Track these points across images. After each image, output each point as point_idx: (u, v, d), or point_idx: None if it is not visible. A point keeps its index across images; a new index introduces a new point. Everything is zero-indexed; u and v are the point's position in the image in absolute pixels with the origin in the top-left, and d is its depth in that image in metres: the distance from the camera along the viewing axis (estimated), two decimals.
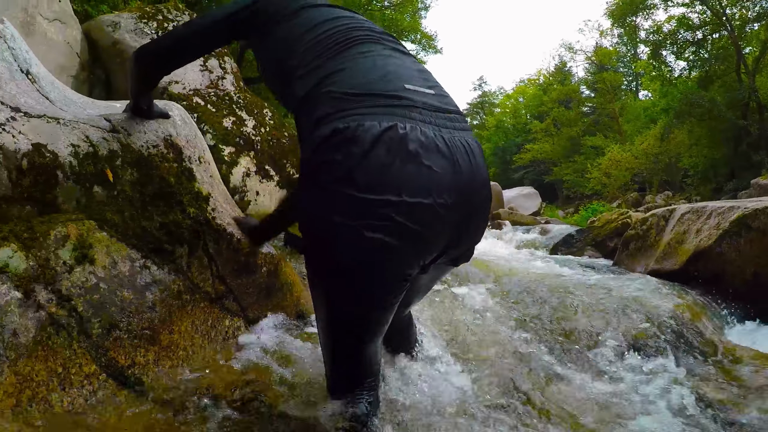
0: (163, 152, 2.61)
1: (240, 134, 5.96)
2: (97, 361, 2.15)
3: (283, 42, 2.17)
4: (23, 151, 2.14)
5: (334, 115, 1.77)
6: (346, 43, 2.07)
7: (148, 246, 2.42)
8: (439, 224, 1.75)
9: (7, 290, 2.00)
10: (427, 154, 1.70)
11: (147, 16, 6.81)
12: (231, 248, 2.73)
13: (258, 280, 2.84)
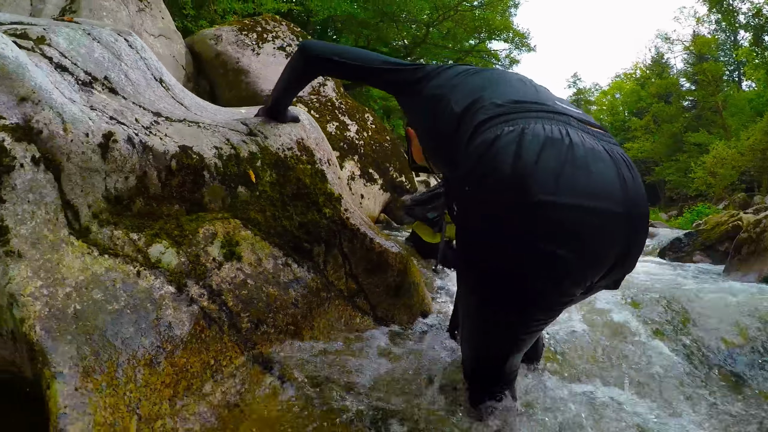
0: (297, 154, 2.68)
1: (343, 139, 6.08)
2: (245, 355, 2.19)
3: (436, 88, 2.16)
4: (171, 152, 2.22)
5: (497, 119, 1.74)
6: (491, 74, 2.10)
7: (289, 244, 2.46)
8: (609, 237, 1.64)
9: (161, 284, 2.06)
10: (594, 162, 1.62)
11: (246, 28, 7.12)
12: (364, 247, 2.74)
13: (388, 279, 2.84)
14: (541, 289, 1.67)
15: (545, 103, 1.81)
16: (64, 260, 1.92)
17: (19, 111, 1.97)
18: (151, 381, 1.91)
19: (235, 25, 7.53)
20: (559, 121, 1.70)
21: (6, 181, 1.86)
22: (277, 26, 7.68)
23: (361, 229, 2.78)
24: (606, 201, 1.59)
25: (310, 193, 2.63)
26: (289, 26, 7.97)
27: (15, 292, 1.80)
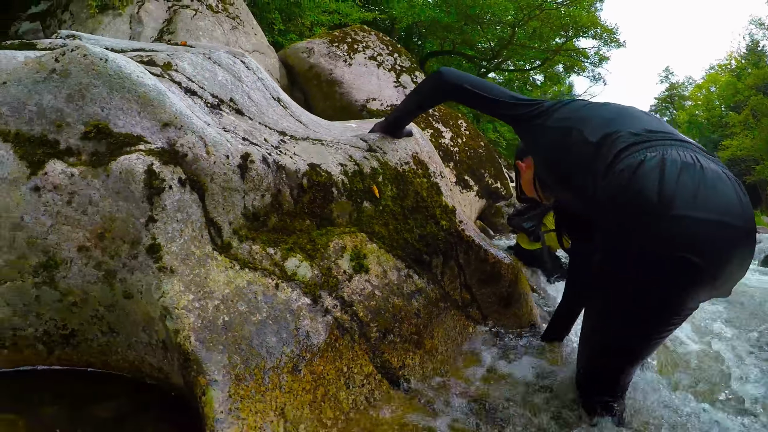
0: (413, 168, 2.76)
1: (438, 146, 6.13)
2: (374, 363, 2.28)
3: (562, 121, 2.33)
4: (302, 170, 2.34)
5: (637, 146, 1.97)
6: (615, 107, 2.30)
7: (410, 256, 2.54)
8: (733, 247, 1.86)
9: (298, 296, 2.16)
10: (719, 183, 1.87)
11: (337, 40, 7.26)
12: (478, 259, 2.80)
13: (500, 290, 2.88)
14: (677, 293, 1.91)
15: (671, 132, 2.05)
16: (211, 275, 2.05)
17: (163, 136, 2.12)
18: (293, 387, 2.01)
19: (325, 37, 7.72)
20: (686, 148, 1.96)
21: (157, 201, 2.01)
22: (367, 36, 7.83)
23: (476, 240, 2.83)
24: (730, 216, 1.83)
25: (428, 206, 2.70)
26: (378, 36, 8.10)
27: (169, 305, 1.94)
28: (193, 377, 1.88)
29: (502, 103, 2.48)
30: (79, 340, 2.16)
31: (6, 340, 2.13)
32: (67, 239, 2.05)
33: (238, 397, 1.88)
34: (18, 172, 2.06)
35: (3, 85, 2.14)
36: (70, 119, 2.10)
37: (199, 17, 6.60)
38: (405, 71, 7.63)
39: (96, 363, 2.19)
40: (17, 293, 2.08)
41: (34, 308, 2.10)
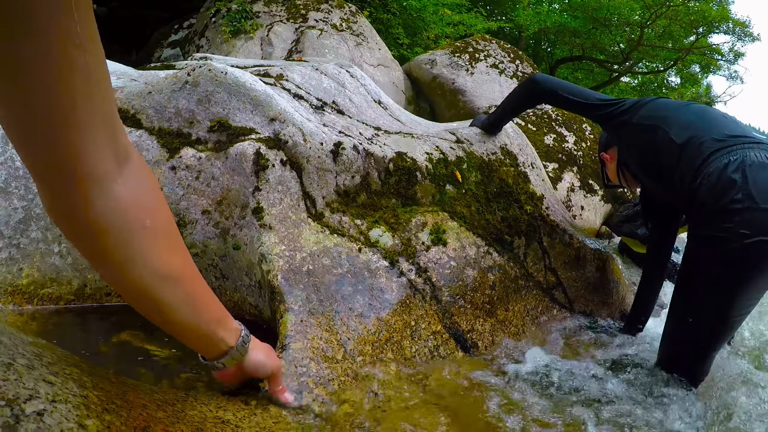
0: (500, 158, 2.92)
1: (561, 150, 6.02)
2: (442, 322, 2.43)
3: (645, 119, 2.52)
4: (389, 157, 2.61)
5: (721, 151, 2.22)
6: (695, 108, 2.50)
7: (491, 236, 2.68)
8: None
9: (378, 259, 2.40)
10: None
11: (459, 50, 7.39)
12: (563, 243, 2.85)
13: (586, 275, 2.90)
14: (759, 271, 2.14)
15: (748, 135, 2.27)
16: (303, 234, 2.36)
17: (270, 128, 2.51)
18: (358, 327, 2.24)
19: (447, 48, 7.85)
20: (761, 149, 2.19)
21: (262, 176, 2.38)
22: (488, 45, 7.88)
23: (561, 225, 2.90)
24: None
25: (513, 192, 2.84)
26: (500, 44, 8.08)
27: (265, 252, 2.27)
28: (277, 306, 2.18)
29: (591, 104, 2.65)
30: None
31: None
32: (195, 205, 2.48)
33: (308, 323, 2.14)
34: (160, 155, 2.54)
35: (149, 94, 2.67)
36: (200, 117, 2.57)
37: (324, 36, 6.99)
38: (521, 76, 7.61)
39: None
40: None
41: None
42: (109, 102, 0.98)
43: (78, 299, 2.58)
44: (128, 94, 2.72)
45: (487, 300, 2.57)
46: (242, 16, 7.10)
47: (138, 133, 2.60)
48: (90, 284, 2.58)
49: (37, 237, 2.58)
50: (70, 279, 2.58)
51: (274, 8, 7.39)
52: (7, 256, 2.55)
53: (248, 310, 2.50)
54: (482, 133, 3.00)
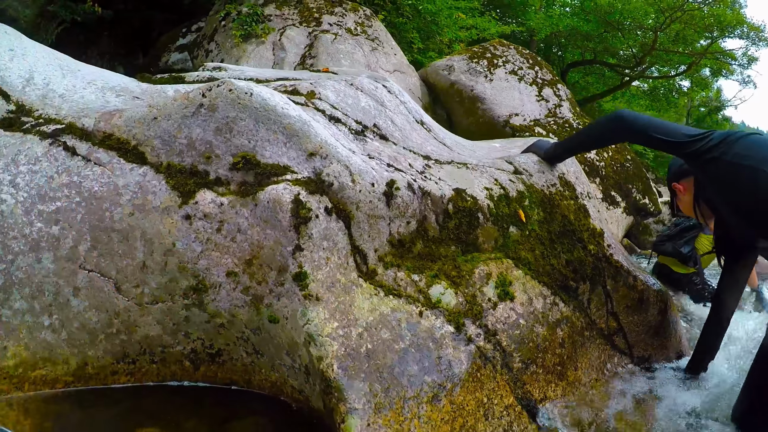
0: (560, 190, 2.53)
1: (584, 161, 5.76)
2: (514, 393, 2.11)
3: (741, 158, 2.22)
4: (447, 196, 2.17)
5: None
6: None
7: (556, 283, 2.31)
8: None
9: (441, 324, 2.01)
10: None
11: (477, 56, 6.99)
12: (626, 285, 2.52)
13: (648, 319, 2.60)
14: None
15: None
16: (356, 302, 1.93)
17: (309, 165, 2.02)
18: (432, 417, 1.87)
19: (465, 53, 7.45)
20: None
21: (303, 230, 1.91)
22: (506, 51, 7.48)
23: (625, 265, 2.56)
24: None
25: (575, 230, 2.46)
26: (518, 49, 7.71)
27: (313, 332, 1.84)
28: (334, 404, 1.77)
29: (678, 143, 2.31)
30: (225, 359, 2.12)
31: (156, 356, 2.12)
32: (217, 264, 1.99)
33: (376, 426, 1.76)
34: (170, 201, 2.03)
35: (154, 120, 2.13)
36: (219, 151, 2.05)
37: (339, 41, 6.56)
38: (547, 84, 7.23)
39: (239, 381, 2.13)
40: (168, 314, 2.06)
41: (183, 328, 2.08)
42: None
43: (78, 381, 2.09)
44: (128, 120, 2.16)
45: (557, 361, 2.22)
46: (253, 19, 6.59)
47: (141, 171, 2.08)
48: (91, 362, 2.09)
49: (22, 307, 2.06)
50: (66, 357, 2.08)
51: (286, 11, 6.83)
52: None
53: (290, 393, 2.06)
54: (539, 160, 2.57)
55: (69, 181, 2.11)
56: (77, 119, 2.24)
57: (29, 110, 2.31)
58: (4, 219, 2.08)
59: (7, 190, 2.11)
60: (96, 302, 2.06)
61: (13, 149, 2.18)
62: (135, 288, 2.06)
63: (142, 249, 2.05)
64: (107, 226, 2.06)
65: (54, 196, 2.10)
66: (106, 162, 2.13)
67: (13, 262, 2.06)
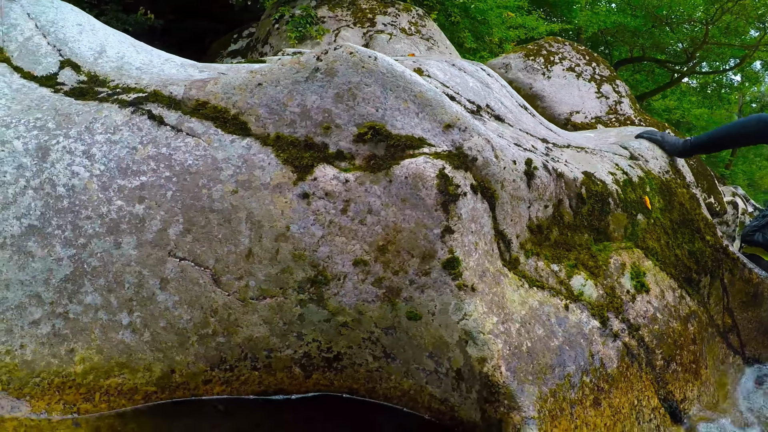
0: (674, 177, 2.32)
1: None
2: (658, 395, 1.86)
3: None
4: (579, 179, 1.90)
5: None
6: None
7: (681, 275, 2.09)
8: None
9: (587, 318, 1.74)
10: None
11: (533, 54, 6.71)
12: (743, 278, 2.32)
13: (761, 315, 2.40)
14: None
15: None
16: (507, 294, 1.63)
17: (446, 138, 1.70)
18: (597, 424, 1.62)
19: (520, 51, 7.05)
20: None
21: (453, 210, 1.58)
22: (562, 47, 7.15)
23: (741, 258, 2.35)
24: None
25: (692, 219, 2.25)
26: (573, 46, 7.33)
27: (472, 329, 1.52)
28: (502, 413, 1.47)
29: None
30: (345, 365, 1.74)
31: (259, 361, 1.72)
32: (341, 252, 1.63)
33: None
34: (283, 177, 1.66)
35: (259, 87, 1.75)
36: (340, 120, 1.69)
37: (394, 40, 6.21)
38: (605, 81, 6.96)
39: (360, 390, 1.76)
40: (277, 311, 1.67)
41: (295, 328, 1.69)
42: None
43: (162, 391, 1.67)
44: (226, 86, 1.77)
45: (692, 358, 1.98)
46: (307, 21, 6.21)
47: (245, 143, 1.69)
48: (180, 369, 1.67)
49: (95, 302, 1.62)
50: (149, 363, 1.65)
51: (339, 13, 6.43)
52: (50, 330, 1.58)
53: (426, 404, 1.71)
54: (651, 146, 2.33)
55: (156, 153, 1.70)
56: (162, 87, 1.83)
57: (103, 80, 1.89)
58: (76, 195, 1.65)
59: (79, 161, 1.67)
60: (188, 297, 1.65)
61: (87, 117, 1.75)
62: (238, 280, 1.66)
63: (247, 233, 1.66)
64: (204, 205, 1.66)
65: (138, 170, 1.68)
66: (201, 132, 1.73)
67: (86, 246, 1.63)
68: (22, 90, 1.81)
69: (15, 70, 1.87)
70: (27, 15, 1.97)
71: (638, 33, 16.85)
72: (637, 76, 19.91)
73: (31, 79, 1.86)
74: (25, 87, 1.82)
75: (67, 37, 1.95)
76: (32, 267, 1.61)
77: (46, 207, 1.64)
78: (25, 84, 1.83)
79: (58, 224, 1.63)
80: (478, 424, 1.58)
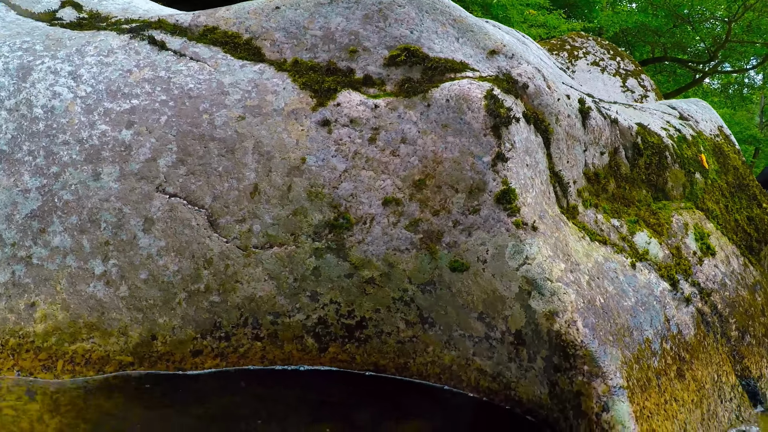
0: (723, 140, 2.03)
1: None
2: (735, 370, 1.60)
3: None
4: (634, 129, 1.61)
5: None
6: None
7: (743, 242, 1.84)
8: None
9: (657, 279, 1.45)
10: None
11: (556, 48, 6.39)
12: None
13: None
14: None
15: None
16: (569, 242, 1.30)
17: (492, 64, 1.41)
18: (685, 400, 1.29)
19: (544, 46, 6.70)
20: None
21: (505, 135, 1.27)
22: (585, 42, 6.85)
23: None
24: None
25: (748, 185, 1.98)
26: (597, 40, 6.98)
27: (536, 276, 1.18)
28: (581, 384, 1.12)
29: None
30: (370, 334, 1.36)
31: (263, 328, 1.35)
32: (368, 189, 1.29)
33: (648, 413, 1.09)
34: (299, 102, 1.33)
35: (276, 10, 1.45)
36: (368, 43, 1.39)
37: None
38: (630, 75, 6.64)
39: (387, 366, 1.38)
40: (287, 264, 1.32)
41: (308, 285, 1.32)
42: None
43: (140, 362, 1.27)
44: (240, 11, 1.47)
45: (764, 331, 1.67)
46: None
47: (257, 68, 1.37)
48: (163, 335, 1.28)
49: (64, 245, 1.24)
50: (124, 326, 1.26)
51: None
52: (9, 279, 1.19)
53: (473, 382, 1.33)
54: (700, 109, 2.06)
55: (153, 76, 1.36)
56: (169, 17, 1.54)
57: (106, 17, 1.60)
58: (54, 117, 1.30)
59: (64, 81, 1.34)
60: (177, 243, 1.27)
61: (79, 41, 1.44)
62: (239, 223, 1.29)
63: (254, 166, 1.30)
64: (204, 132, 1.31)
65: (129, 93, 1.34)
66: (208, 57, 1.41)
67: (59, 176, 1.26)
68: (16, 22, 1.52)
69: (11, 8, 1.59)
70: None
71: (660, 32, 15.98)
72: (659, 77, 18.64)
73: (27, 15, 1.58)
74: (19, 20, 1.54)
75: None
76: None
77: (18, 130, 1.29)
78: (20, 18, 1.57)
79: (30, 150, 1.27)
80: (544, 403, 1.22)
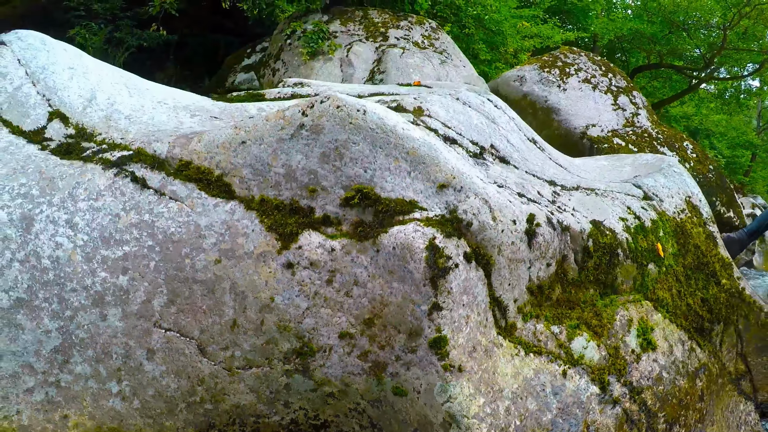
0: (689, 216, 2.08)
1: None
2: None
3: None
4: (586, 230, 1.70)
5: None
6: None
7: (692, 325, 1.89)
8: None
9: (586, 385, 1.57)
10: None
11: (548, 65, 6.24)
12: (758, 324, 2.11)
13: None
14: None
15: None
16: (498, 367, 1.47)
17: (440, 199, 1.51)
18: None
19: (535, 62, 6.52)
20: None
21: (442, 285, 1.41)
22: (577, 58, 6.60)
23: (757, 300, 2.11)
24: None
25: (708, 262, 2.01)
26: (589, 56, 6.76)
27: (456, 413, 1.38)
28: None
29: None
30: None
31: (247, 426, 1.61)
32: (327, 324, 1.48)
33: None
34: (267, 245, 1.50)
35: (242, 145, 1.58)
36: (326, 183, 1.51)
37: (407, 55, 5.81)
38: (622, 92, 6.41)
39: None
40: (264, 381, 1.55)
41: (282, 397, 1.57)
42: None
43: None
44: (210, 144, 1.60)
45: (698, 417, 1.79)
46: (319, 36, 5.87)
47: (228, 207, 1.53)
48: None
49: (85, 372, 1.53)
50: (139, 428, 1.58)
51: (351, 27, 6.07)
52: (44, 398, 1.49)
53: None
54: (667, 181, 2.07)
55: (139, 220, 1.55)
56: (147, 144, 1.66)
57: (91, 134, 1.73)
58: (60, 267, 1.52)
59: (63, 231, 1.54)
60: (175, 367, 1.53)
61: (70, 181, 1.60)
62: (223, 351, 1.53)
63: (232, 304, 1.51)
64: (188, 276, 1.51)
65: (121, 239, 1.54)
66: (184, 196, 1.57)
67: (73, 319, 1.51)
68: (9, 149, 1.67)
69: (4, 125, 1.73)
70: (18, 61, 1.81)
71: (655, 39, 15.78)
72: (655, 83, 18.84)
73: (19, 134, 1.71)
74: (12, 145, 1.68)
75: (56, 85, 1.79)
76: (23, 339, 1.52)
77: (32, 280, 1.52)
78: (13, 141, 1.69)
79: (45, 297, 1.52)
80: None
